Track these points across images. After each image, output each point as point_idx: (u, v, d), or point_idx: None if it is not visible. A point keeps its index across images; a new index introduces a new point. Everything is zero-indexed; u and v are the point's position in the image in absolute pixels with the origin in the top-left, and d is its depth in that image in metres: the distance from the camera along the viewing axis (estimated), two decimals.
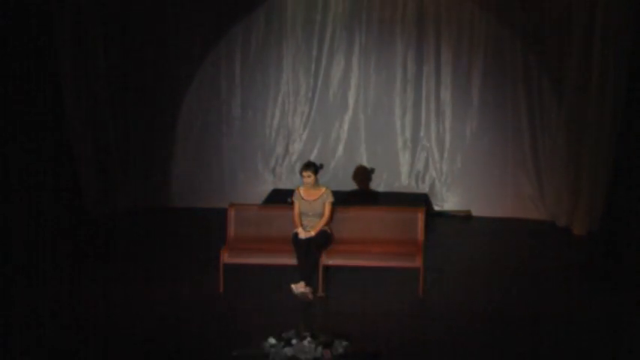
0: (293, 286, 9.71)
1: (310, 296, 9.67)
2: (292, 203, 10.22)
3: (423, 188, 13.86)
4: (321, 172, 10.42)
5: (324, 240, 10.09)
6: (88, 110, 13.30)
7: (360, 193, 13.63)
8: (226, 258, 10.01)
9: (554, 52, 12.82)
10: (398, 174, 13.93)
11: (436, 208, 13.71)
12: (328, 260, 9.96)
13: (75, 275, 10.53)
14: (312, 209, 10.14)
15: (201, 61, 13.83)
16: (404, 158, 13.92)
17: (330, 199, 10.16)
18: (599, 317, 9.40)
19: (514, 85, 13.32)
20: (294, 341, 8.18)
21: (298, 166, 13.52)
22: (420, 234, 10.22)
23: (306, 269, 9.75)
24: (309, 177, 10.13)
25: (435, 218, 13.15)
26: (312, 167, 10.19)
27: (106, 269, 10.86)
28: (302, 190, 10.24)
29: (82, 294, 9.96)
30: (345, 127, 13.98)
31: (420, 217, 10.25)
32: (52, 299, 9.77)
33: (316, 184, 10.23)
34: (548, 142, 13.18)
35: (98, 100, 13.38)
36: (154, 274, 10.74)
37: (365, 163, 13.88)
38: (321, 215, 10.13)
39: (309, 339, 8.19)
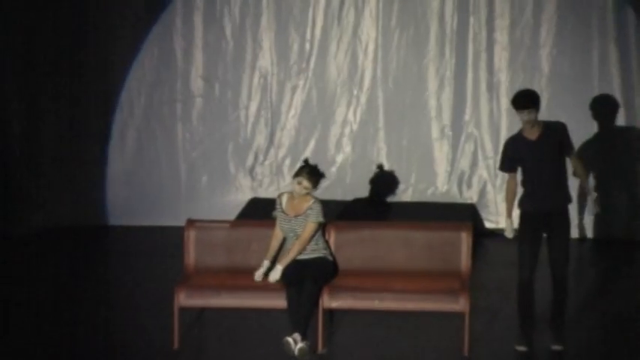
0: (289, 340, 9.65)
1: (306, 356, 9.64)
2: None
3: (470, 196, 13.91)
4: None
5: (324, 272, 10.04)
6: None
7: (376, 205, 13.67)
8: (183, 299, 9.97)
9: None
10: (432, 176, 13.98)
11: (488, 224, 13.73)
12: (331, 301, 9.93)
13: None
14: (291, 229, 10.04)
15: (145, 14, 13.90)
16: (441, 153, 13.96)
17: (319, 217, 10.01)
18: None
19: (603, 45, 13.35)
20: None
21: (287, 165, 13.52)
22: (464, 263, 10.20)
23: (300, 314, 9.70)
24: (299, 185, 10.06)
25: (487, 240, 13.13)
26: (310, 176, 10.04)
27: (6, 310, 10.84)
28: (285, 199, 10.16)
29: None
30: (356, 108, 14.03)
31: (465, 238, 10.23)
32: None
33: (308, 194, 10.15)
34: None
35: None
36: (79, 321, 10.70)
37: (384, 161, 13.89)
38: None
39: None
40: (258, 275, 9.96)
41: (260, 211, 12.66)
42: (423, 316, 10.31)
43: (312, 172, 10.03)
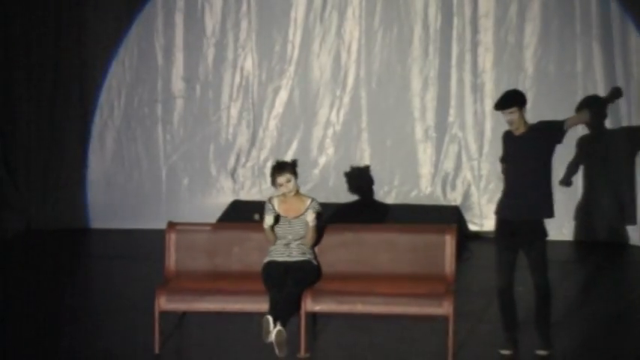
0: (269, 317, 9.58)
1: (283, 349, 9.60)
2: (260, 220, 10.19)
3: (454, 198, 13.92)
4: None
5: (307, 275, 10.04)
6: None
7: (360, 207, 13.66)
8: (164, 303, 9.96)
9: None
10: (416, 178, 13.99)
11: (472, 227, 13.76)
12: (314, 305, 9.92)
13: None
14: (293, 231, 10.07)
15: (125, 14, 13.88)
16: (425, 154, 13.97)
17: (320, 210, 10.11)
18: None
19: (587, 44, 13.37)
20: None
21: (269, 167, 13.49)
22: (449, 266, 10.19)
23: (281, 312, 9.68)
24: (288, 182, 10.08)
25: (471, 242, 13.15)
26: (290, 168, 10.11)
27: None
28: (277, 203, 10.17)
29: None
30: (339, 109, 14.03)
31: (450, 240, 10.23)
32: None
33: (298, 192, 10.18)
34: (637, 130, 13.25)
35: None
36: (58, 326, 10.69)
37: (367, 163, 13.91)
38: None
39: None
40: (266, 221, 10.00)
41: (242, 213, 12.67)
42: (407, 320, 10.31)
43: (292, 166, 10.07)
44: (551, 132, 9.57)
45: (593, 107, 13.25)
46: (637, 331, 10.73)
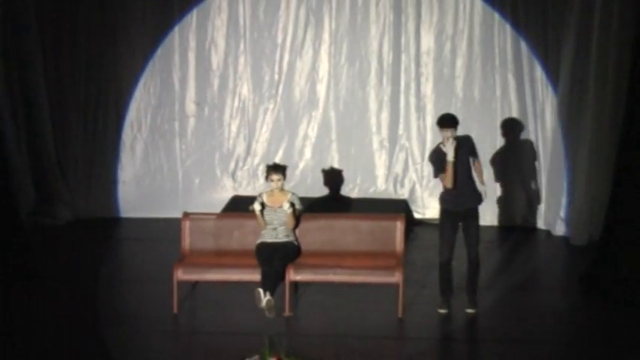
0: (260, 290, 9.61)
1: (272, 312, 9.60)
2: (253, 210, 10.15)
3: (403, 193, 13.85)
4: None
5: (289, 252, 10.03)
6: (21, 110, 13.30)
7: (331, 200, 13.60)
8: (180, 274, 9.94)
9: (549, 38, 12.89)
10: (374, 177, 13.91)
11: (417, 215, 13.70)
12: (295, 275, 9.92)
13: (3, 296, 10.40)
14: (277, 218, 10.09)
15: (150, 52, 13.78)
16: (380, 160, 13.90)
17: (297, 204, 10.11)
18: (595, 332, 9.46)
19: (504, 76, 13.36)
20: None
21: (261, 170, 13.46)
22: (399, 245, 10.20)
23: (270, 283, 9.68)
24: (279, 180, 10.14)
25: (416, 227, 13.13)
26: (282, 170, 10.19)
27: (42, 288, 10.74)
28: (266, 197, 10.18)
29: (10, 318, 9.83)
30: (314, 125, 13.96)
31: (399, 226, 10.23)
32: None
33: (282, 188, 10.21)
34: (543, 141, 13.22)
35: (33, 98, 13.36)
36: (99, 292, 10.64)
37: (336, 166, 13.84)
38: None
39: None
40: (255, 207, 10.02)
41: (240, 205, 12.60)
42: (367, 287, 10.30)
43: (284, 169, 10.16)
44: (471, 151, 9.79)
45: (508, 125, 13.30)
46: (538, 296, 10.75)
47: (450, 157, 9.65)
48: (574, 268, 11.49)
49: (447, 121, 9.75)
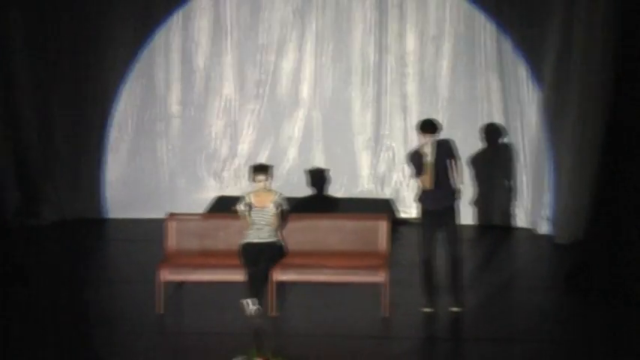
0: (243, 302, 9.63)
1: (261, 319, 9.60)
2: (236, 210, 10.15)
3: (387, 193, 13.86)
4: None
5: (275, 252, 10.02)
6: (6, 110, 13.29)
7: (316, 200, 13.62)
8: (166, 275, 9.94)
9: (533, 38, 12.92)
10: (358, 177, 13.93)
11: (402, 215, 13.71)
12: (281, 275, 9.91)
13: None
14: (263, 218, 10.08)
15: (135, 53, 13.76)
16: (365, 159, 13.93)
17: (284, 205, 10.12)
18: (580, 330, 9.49)
19: (487, 75, 13.38)
20: None
21: (246, 170, 13.46)
22: (384, 245, 10.21)
23: (256, 285, 9.68)
24: (265, 180, 10.15)
25: (401, 227, 13.15)
26: (266, 170, 10.19)
27: (27, 288, 10.72)
28: (252, 197, 10.17)
29: None
30: (299, 125, 13.97)
31: (384, 225, 10.25)
32: None
33: (268, 188, 10.21)
34: (527, 141, 13.25)
35: (18, 98, 13.36)
36: (84, 292, 10.62)
37: (321, 166, 13.85)
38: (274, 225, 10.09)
39: None
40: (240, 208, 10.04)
41: (224, 206, 12.60)
42: (352, 287, 10.30)
43: (268, 169, 10.12)
44: (450, 155, 9.77)
45: (491, 127, 13.33)
46: (523, 294, 10.77)
47: (429, 158, 9.69)
48: (559, 266, 11.53)
49: (428, 127, 9.79)
